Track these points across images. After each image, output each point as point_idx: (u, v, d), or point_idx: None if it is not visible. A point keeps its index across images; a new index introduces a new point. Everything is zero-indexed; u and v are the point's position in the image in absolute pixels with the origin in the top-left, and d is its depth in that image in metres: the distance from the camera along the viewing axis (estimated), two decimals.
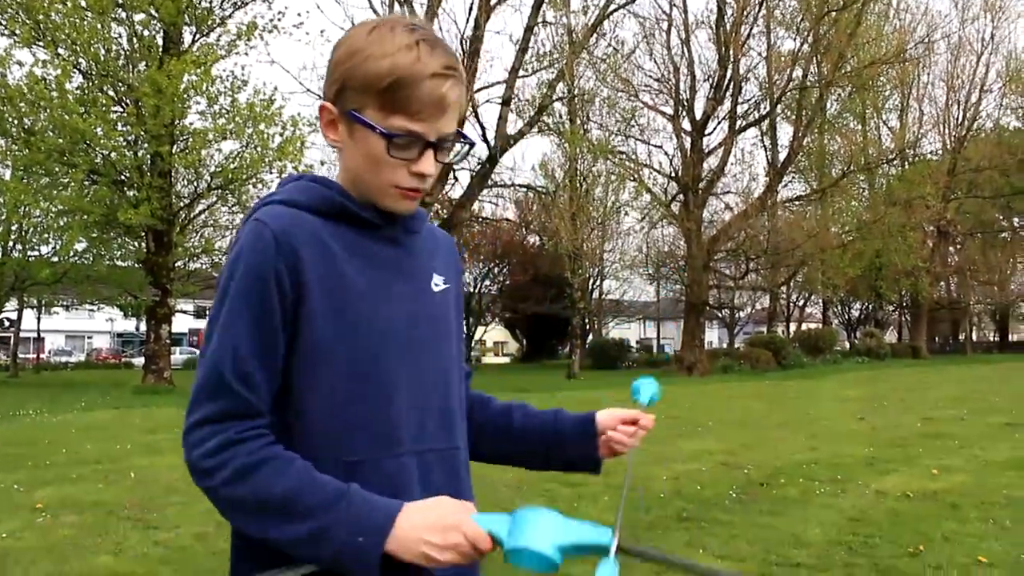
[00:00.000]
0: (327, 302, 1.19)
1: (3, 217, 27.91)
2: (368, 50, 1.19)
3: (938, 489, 7.11)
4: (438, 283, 1.35)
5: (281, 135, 21.41)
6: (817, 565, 4.86)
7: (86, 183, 21.86)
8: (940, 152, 44.80)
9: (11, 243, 29.75)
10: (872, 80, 33.90)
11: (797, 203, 37.29)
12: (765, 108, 32.73)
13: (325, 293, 1.19)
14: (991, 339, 65.03)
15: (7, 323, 36.04)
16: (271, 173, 22.08)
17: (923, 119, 45.46)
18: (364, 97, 1.19)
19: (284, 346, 1.18)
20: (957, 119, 45.08)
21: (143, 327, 27.07)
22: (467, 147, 1.33)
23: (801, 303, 53.41)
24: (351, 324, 1.20)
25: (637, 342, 62.91)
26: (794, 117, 33.41)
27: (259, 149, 21.37)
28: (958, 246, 49.64)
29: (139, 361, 41.15)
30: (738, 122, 32.26)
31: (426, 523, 1.09)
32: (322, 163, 23.27)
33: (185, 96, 20.65)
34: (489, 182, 25.39)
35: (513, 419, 1.51)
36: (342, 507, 1.10)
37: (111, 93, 21.41)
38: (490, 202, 31.54)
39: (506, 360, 59.13)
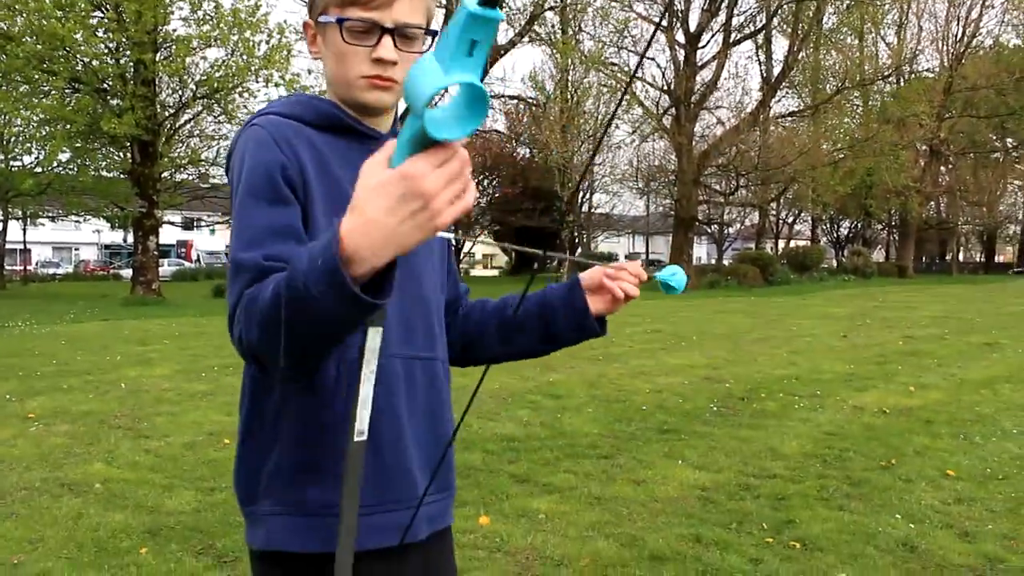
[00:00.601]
0: (325, 205, 1.21)
1: None
2: None
3: (913, 406, 7.28)
4: None
5: (267, 43, 20.98)
6: (792, 476, 5.01)
7: (67, 91, 21.43)
8: (937, 70, 44.22)
9: None
10: None
11: (790, 119, 36.98)
12: (761, 21, 32.18)
13: (323, 196, 1.22)
14: (977, 260, 65.47)
15: None
16: (257, 82, 21.73)
17: (921, 35, 44.74)
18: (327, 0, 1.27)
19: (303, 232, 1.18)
20: (956, 35, 44.36)
21: (130, 239, 26.92)
22: (431, 36, 1.30)
23: (790, 220, 53.47)
24: None
25: (626, 256, 63.11)
26: (790, 31, 32.83)
27: (245, 57, 20.95)
28: (950, 166, 49.47)
29: (127, 273, 41.08)
30: (733, 35, 31.73)
31: (374, 206, 0.90)
32: (309, 71, 22.79)
33: (167, 1, 20.11)
34: None
35: (508, 309, 1.52)
36: (302, 255, 0.98)
37: None
38: None
39: (495, 273, 59.33)
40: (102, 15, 20.74)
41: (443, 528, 1.40)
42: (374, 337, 1.09)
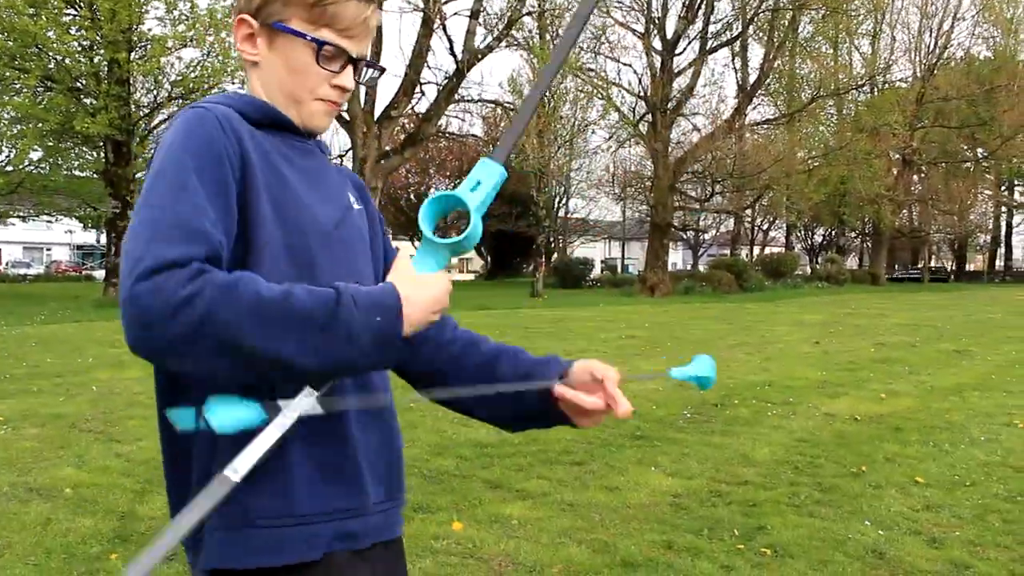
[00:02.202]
0: (267, 193, 1.17)
1: None
2: None
3: (884, 412, 7.36)
4: (353, 202, 1.37)
5: None
6: (763, 483, 5.06)
7: (39, 89, 21.20)
8: (910, 79, 44.80)
9: None
10: (846, 3, 33.57)
11: (765, 126, 37.25)
12: (737, 29, 32.41)
13: (265, 185, 1.17)
14: (949, 268, 66.30)
15: None
16: (233, 83, 21.59)
17: (895, 45, 45.39)
18: (290, 9, 1.23)
19: (235, 222, 1.13)
20: (929, 47, 45.02)
21: (103, 239, 26.68)
22: (378, 73, 1.38)
23: (765, 227, 53.92)
24: (292, 218, 1.19)
25: (602, 261, 63.30)
26: (766, 39, 33.11)
27: (221, 58, 20.85)
28: (922, 175, 50.09)
29: (100, 274, 40.64)
30: (709, 42, 31.92)
31: (425, 300, 1.13)
32: None
33: (142, 0, 19.95)
34: (456, 97, 24.99)
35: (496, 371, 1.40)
36: (346, 295, 1.06)
37: None
38: (457, 117, 31.15)
39: (470, 277, 59.31)
40: (76, 13, 20.57)
41: (390, 539, 1.32)
42: (306, 399, 1.11)
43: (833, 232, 55.98)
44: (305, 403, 1.11)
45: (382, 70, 1.40)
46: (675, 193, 33.00)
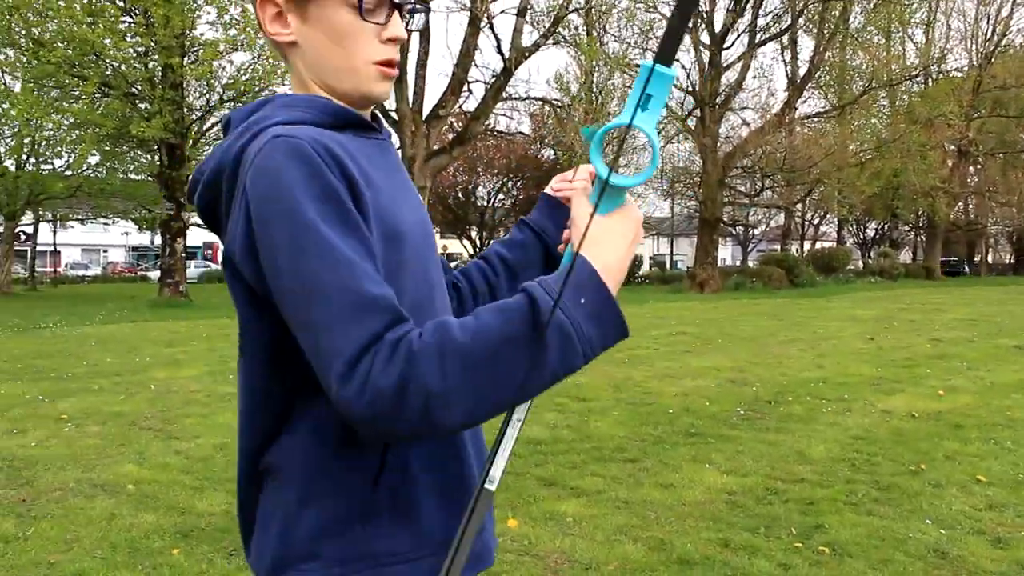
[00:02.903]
0: (373, 209, 1.06)
1: (15, 130, 27.81)
2: None
3: (943, 409, 7.21)
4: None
5: None
6: (820, 481, 4.99)
7: (97, 96, 21.71)
8: (966, 69, 43.72)
9: (24, 156, 29.71)
10: None
11: (816, 120, 36.66)
12: (787, 21, 31.92)
13: (372, 201, 1.06)
14: (1007, 261, 64.61)
15: (23, 236, 36.23)
16: (283, 85, 21.86)
17: (950, 34, 44.28)
18: None
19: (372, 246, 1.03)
20: (986, 34, 43.85)
21: (158, 241, 27.23)
22: (425, 14, 1.23)
23: (816, 222, 53.08)
24: (391, 229, 1.09)
25: (651, 257, 62.92)
26: (816, 31, 32.58)
27: (271, 60, 21.11)
28: (978, 166, 48.86)
29: (155, 275, 41.51)
30: (758, 36, 31.52)
31: (619, 246, 1.04)
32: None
33: (194, 5, 20.32)
34: (504, 95, 24.99)
35: (507, 258, 1.42)
36: (538, 294, 0.96)
37: (119, 3, 21.06)
38: (504, 115, 31.18)
39: None
40: (131, 20, 20.98)
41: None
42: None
43: (886, 226, 54.90)
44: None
45: (427, 8, 1.25)
46: (724, 188, 32.66)
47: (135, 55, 21.23)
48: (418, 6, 1.19)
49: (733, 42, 31.34)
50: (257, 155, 1.00)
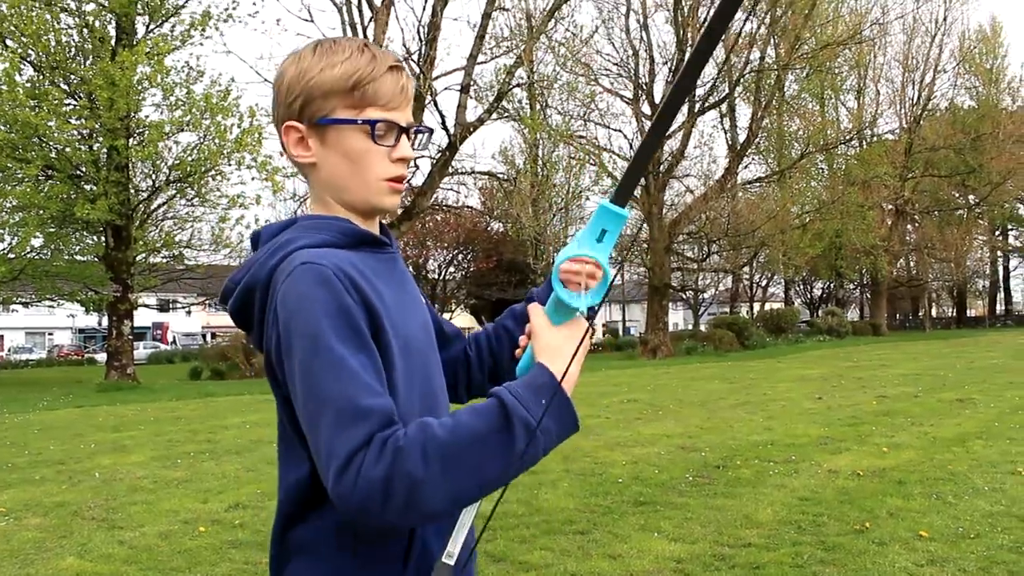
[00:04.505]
0: (389, 326, 1.21)
1: None
2: (322, 62, 1.25)
3: (887, 466, 7.35)
4: (421, 297, 1.42)
5: (239, 126, 21.26)
6: (767, 544, 5.04)
7: (41, 178, 21.54)
8: (897, 132, 45.48)
9: None
10: (829, 61, 34.31)
11: (757, 184, 37.71)
12: (724, 90, 33.01)
13: (387, 319, 1.20)
14: (950, 315, 66.28)
15: None
16: (230, 164, 21.93)
17: (880, 99, 46.16)
18: (330, 101, 1.25)
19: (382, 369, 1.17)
20: (912, 99, 45.80)
21: (105, 322, 26.82)
22: (427, 135, 1.41)
23: (763, 283, 54.05)
24: (404, 348, 1.23)
25: (603, 325, 63.28)
26: (753, 99, 33.73)
27: (217, 141, 21.19)
28: (916, 224, 50.47)
29: (102, 357, 40.66)
30: (697, 104, 32.51)
31: (575, 368, 1.19)
32: (281, 154, 23.04)
33: (139, 88, 20.42)
34: (450, 169, 25.36)
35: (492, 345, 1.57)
36: (507, 398, 1.12)
37: (63, 86, 21.09)
38: (452, 189, 31.53)
39: None
40: (75, 103, 20.99)
41: None
42: None
43: (832, 285, 56.12)
44: None
45: (430, 131, 1.42)
46: (672, 254, 33.24)
47: (79, 137, 21.22)
48: (422, 127, 1.37)
49: None
50: (288, 278, 1.16)
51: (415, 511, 1.06)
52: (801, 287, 57.58)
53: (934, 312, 64.51)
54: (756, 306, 51.78)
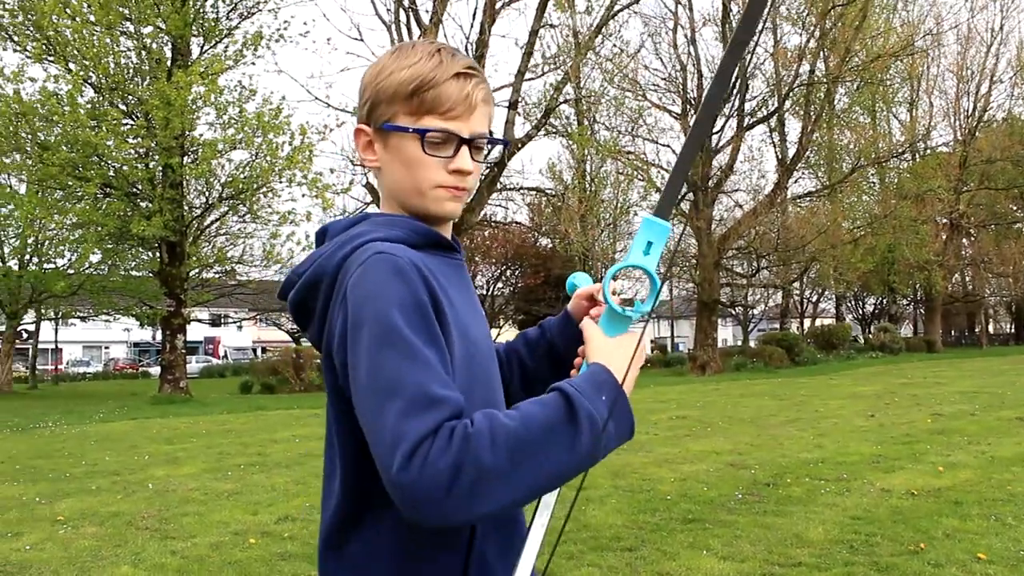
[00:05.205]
0: (455, 327, 1.20)
1: (19, 231, 28.27)
2: (392, 65, 1.26)
3: (942, 486, 7.17)
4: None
5: (290, 144, 21.61)
6: (818, 564, 4.96)
7: (99, 196, 22.13)
8: (951, 144, 44.59)
9: (27, 256, 30.11)
10: (880, 73, 33.79)
11: (807, 199, 37.22)
12: (773, 104, 32.72)
13: (453, 320, 1.20)
14: (1008, 331, 64.61)
15: (25, 335, 36.39)
16: (281, 182, 22.31)
17: (933, 111, 45.32)
18: (393, 106, 1.25)
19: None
20: (967, 110, 44.87)
21: (159, 336, 27.39)
22: (503, 147, 1.42)
23: (814, 299, 53.26)
24: (468, 354, 1.22)
25: (652, 341, 62.89)
26: (802, 113, 33.36)
27: (268, 158, 21.57)
28: (971, 238, 49.37)
29: (156, 371, 41.49)
30: (746, 119, 32.26)
31: (625, 361, 1.21)
32: (331, 171, 23.42)
33: (194, 107, 20.89)
34: (498, 186, 25.48)
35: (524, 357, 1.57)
36: (570, 390, 1.12)
37: (121, 106, 21.65)
38: (500, 205, 31.70)
39: None
40: (132, 123, 21.55)
41: None
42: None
43: (884, 300, 55.08)
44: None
45: (505, 144, 1.43)
46: (721, 270, 32.93)
47: (136, 156, 21.75)
48: (488, 138, 1.32)
49: (722, 126, 32.06)
50: (361, 267, 1.14)
51: (477, 502, 1.02)
52: (853, 303, 56.60)
53: (991, 328, 62.89)
54: (807, 322, 51.03)
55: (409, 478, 1.00)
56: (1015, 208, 48.97)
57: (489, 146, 1.35)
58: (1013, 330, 62.43)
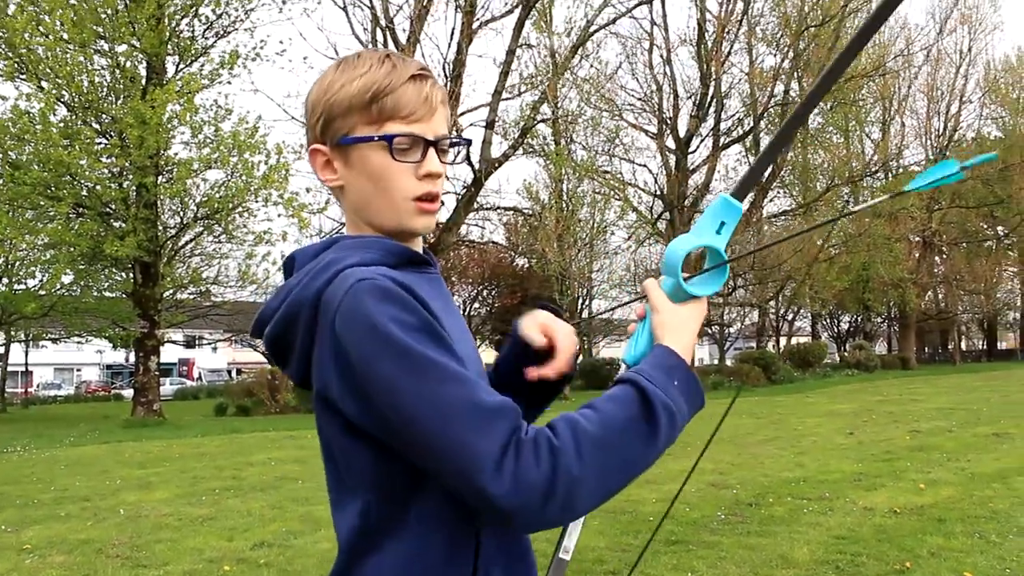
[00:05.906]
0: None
1: None
2: (341, 78, 1.19)
3: (925, 504, 7.15)
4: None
5: (266, 163, 21.48)
6: None
7: (72, 216, 21.86)
8: (923, 163, 45.17)
9: None
10: (853, 94, 34.22)
11: (782, 218, 37.51)
12: (748, 124, 33.04)
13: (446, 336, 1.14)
14: (980, 347, 65.31)
15: None
16: (256, 201, 22.15)
17: (905, 131, 45.93)
18: (350, 118, 1.18)
19: None
20: (938, 130, 45.55)
21: (132, 358, 27.02)
22: (465, 146, 1.32)
23: (790, 318, 53.54)
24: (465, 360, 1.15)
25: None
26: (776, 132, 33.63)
27: (244, 178, 21.42)
28: (944, 256, 49.95)
29: (129, 393, 40.91)
30: (722, 139, 32.57)
31: (692, 337, 1.23)
32: (307, 190, 23.30)
33: (169, 126, 20.73)
34: (475, 205, 25.45)
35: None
36: (643, 382, 1.11)
37: (95, 125, 21.45)
38: (477, 225, 31.65)
39: None
40: (106, 142, 21.34)
41: None
42: None
43: (859, 318, 55.51)
44: None
45: (468, 142, 1.34)
46: None
47: (110, 175, 21.52)
48: (455, 139, 1.26)
49: (698, 146, 32.34)
50: (344, 297, 1.07)
51: (569, 510, 1.03)
52: (828, 321, 56.95)
53: (964, 345, 63.49)
54: (783, 341, 51.26)
55: (502, 493, 0.99)
56: (985, 226, 49.68)
57: (452, 148, 1.27)
58: (985, 347, 63.11)
